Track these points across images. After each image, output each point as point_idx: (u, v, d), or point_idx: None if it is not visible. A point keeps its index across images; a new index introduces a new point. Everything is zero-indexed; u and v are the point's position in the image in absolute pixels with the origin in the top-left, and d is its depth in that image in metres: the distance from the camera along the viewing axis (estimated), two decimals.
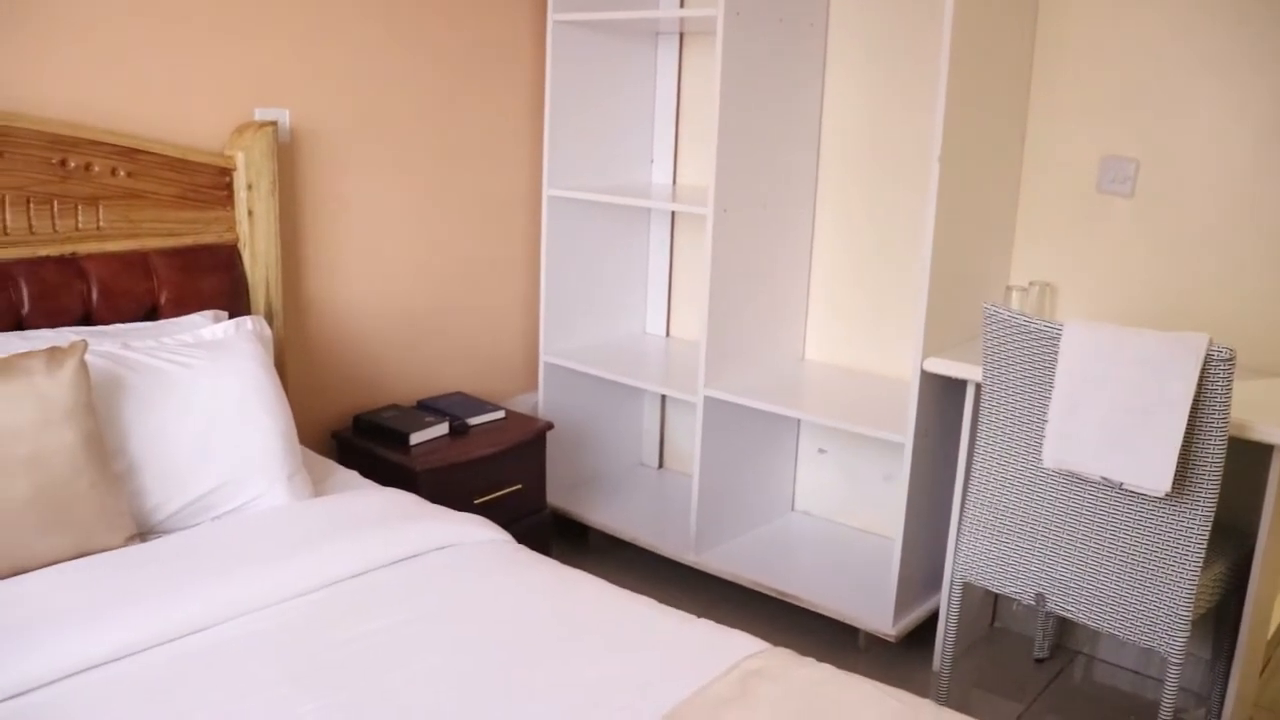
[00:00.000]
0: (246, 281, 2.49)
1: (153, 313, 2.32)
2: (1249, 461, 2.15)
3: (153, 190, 2.32)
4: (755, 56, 2.72)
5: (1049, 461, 2.07)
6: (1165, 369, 1.90)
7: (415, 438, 2.73)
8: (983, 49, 2.44)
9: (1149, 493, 1.95)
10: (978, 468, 2.24)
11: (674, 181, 3.40)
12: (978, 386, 2.41)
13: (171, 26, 2.38)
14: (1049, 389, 2.07)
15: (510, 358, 3.37)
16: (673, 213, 3.42)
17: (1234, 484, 2.09)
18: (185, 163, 2.37)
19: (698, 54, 3.28)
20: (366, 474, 2.42)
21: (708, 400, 2.84)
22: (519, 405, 3.33)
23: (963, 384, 2.52)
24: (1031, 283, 2.66)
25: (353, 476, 2.35)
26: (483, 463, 2.75)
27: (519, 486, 2.86)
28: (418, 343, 3.08)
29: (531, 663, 1.60)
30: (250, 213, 2.47)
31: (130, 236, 2.30)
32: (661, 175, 3.41)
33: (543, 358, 3.24)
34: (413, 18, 2.88)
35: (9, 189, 2.11)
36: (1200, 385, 1.88)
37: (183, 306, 2.34)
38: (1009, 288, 2.68)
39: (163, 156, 2.33)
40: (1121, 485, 1.98)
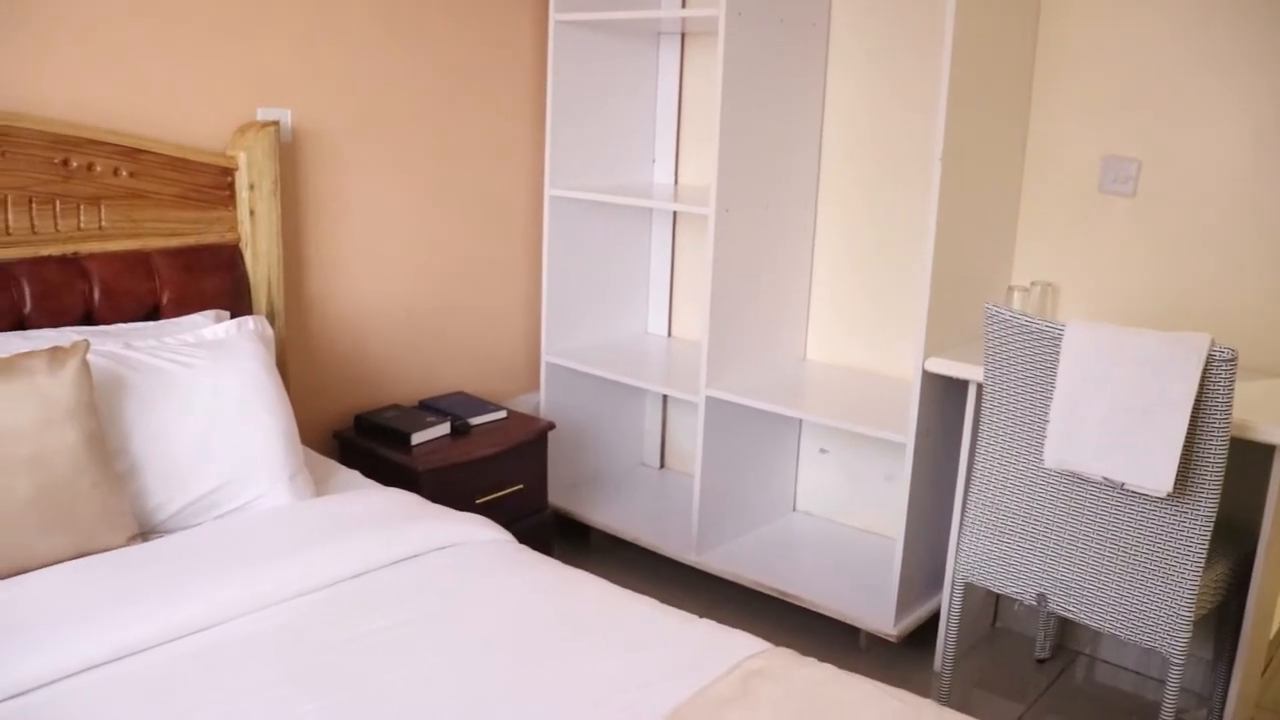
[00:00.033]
0: (248, 281, 2.50)
1: (154, 312, 2.32)
2: (1250, 462, 2.15)
3: (155, 190, 2.33)
4: (757, 56, 2.72)
5: (1050, 462, 2.07)
6: (1167, 369, 1.90)
7: (417, 438, 2.73)
8: (984, 49, 2.44)
9: (1150, 493, 1.95)
10: (979, 468, 2.24)
11: (676, 181, 3.40)
12: (979, 386, 2.41)
13: (173, 26, 2.38)
14: (1050, 389, 2.07)
15: (512, 358, 3.37)
16: (674, 213, 3.42)
17: (1235, 484, 2.08)
18: (187, 163, 2.37)
19: (699, 54, 3.28)
20: (368, 474, 2.42)
21: (709, 400, 2.84)
22: (521, 405, 3.33)
23: (964, 384, 2.52)
24: (1033, 283, 2.66)
25: (354, 476, 2.36)
26: (484, 463, 2.75)
27: (520, 486, 2.86)
28: (419, 342, 3.08)
29: (533, 663, 1.60)
30: (252, 212, 2.47)
31: (132, 236, 2.30)
32: (663, 175, 3.41)
33: (544, 358, 3.24)
34: (414, 18, 2.88)
35: (11, 189, 2.11)
36: (1202, 385, 1.88)
37: (184, 306, 2.35)
38: (1010, 288, 2.68)
39: (165, 156, 2.33)
40: (1123, 485, 1.98)
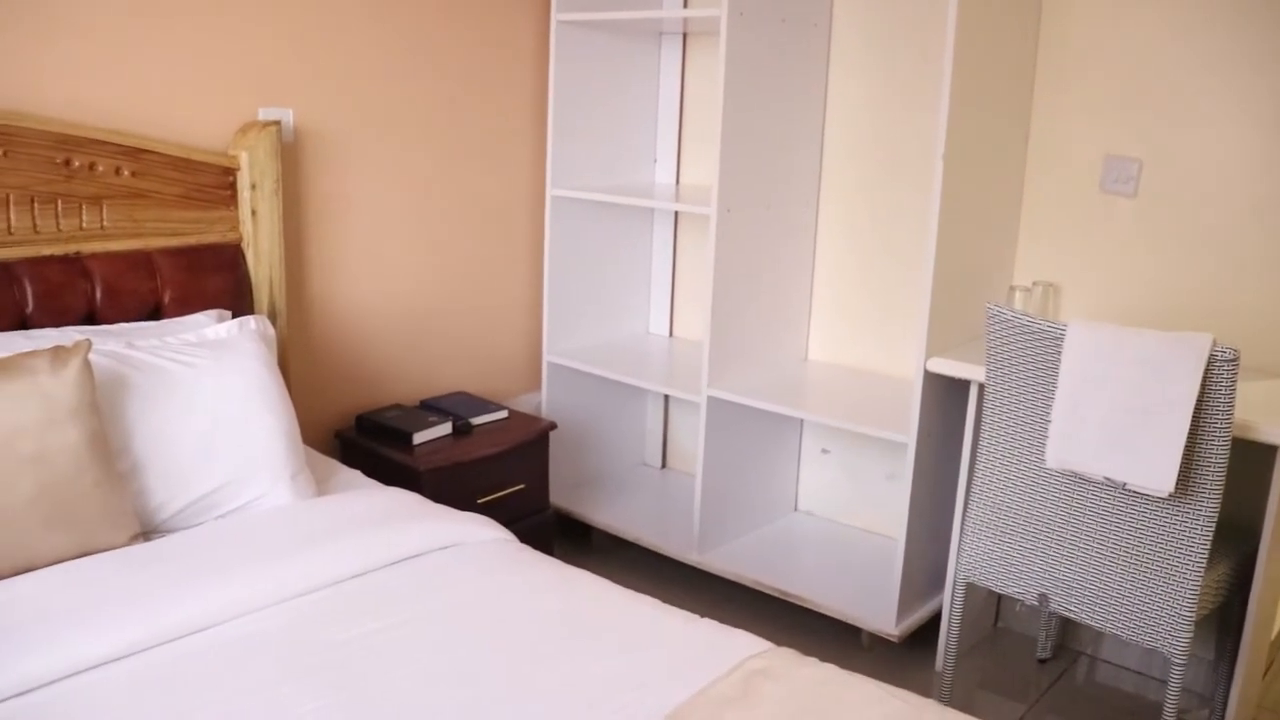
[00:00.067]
0: (250, 281, 2.50)
1: (156, 312, 2.33)
2: (1252, 462, 2.14)
3: (156, 190, 2.33)
4: (759, 56, 2.72)
5: (1052, 462, 2.06)
6: (1168, 369, 1.90)
7: (418, 437, 2.73)
8: (986, 49, 2.44)
9: (1152, 493, 1.95)
10: (981, 468, 2.24)
11: (677, 181, 3.40)
12: (981, 386, 2.41)
13: (176, 26, 2.39)
14: (1052, 389, 2.07)
15: (513, 357, 3.37)
16: (676, 213, 3.42)
17: (1237, 484, 2.08)
18: (189, 162, 2.37)
19: (701, 54, 3.28)
20: (369, 474, 2.41)
21: (711, 400, 2.84)
22: (522, 405, 3.33)
23: (966, 384, 2.51)
24: (1035, 283, 2.66)
25: (356, 476, 2.36)
26: (486, 462, 2.75)
27: (522, 486, 2.86)
28: (421, 342, 3.08)
29: (534, 662, 1.60)
30: (254, 212, 2.47)
31: (134, 236, 2.30)
32: (665, 175, 3.41)
33: (546, 357, 3.24)
34: (416, 18, 2.88)
35: (13, 188, 2.11)
36: (1204, 386, 1.88)
37: (186, 306, 2.35)
38: (1012, 288, 2.68)
39: (166, 156, 2.33)
40: (1125, 486, 1.98)
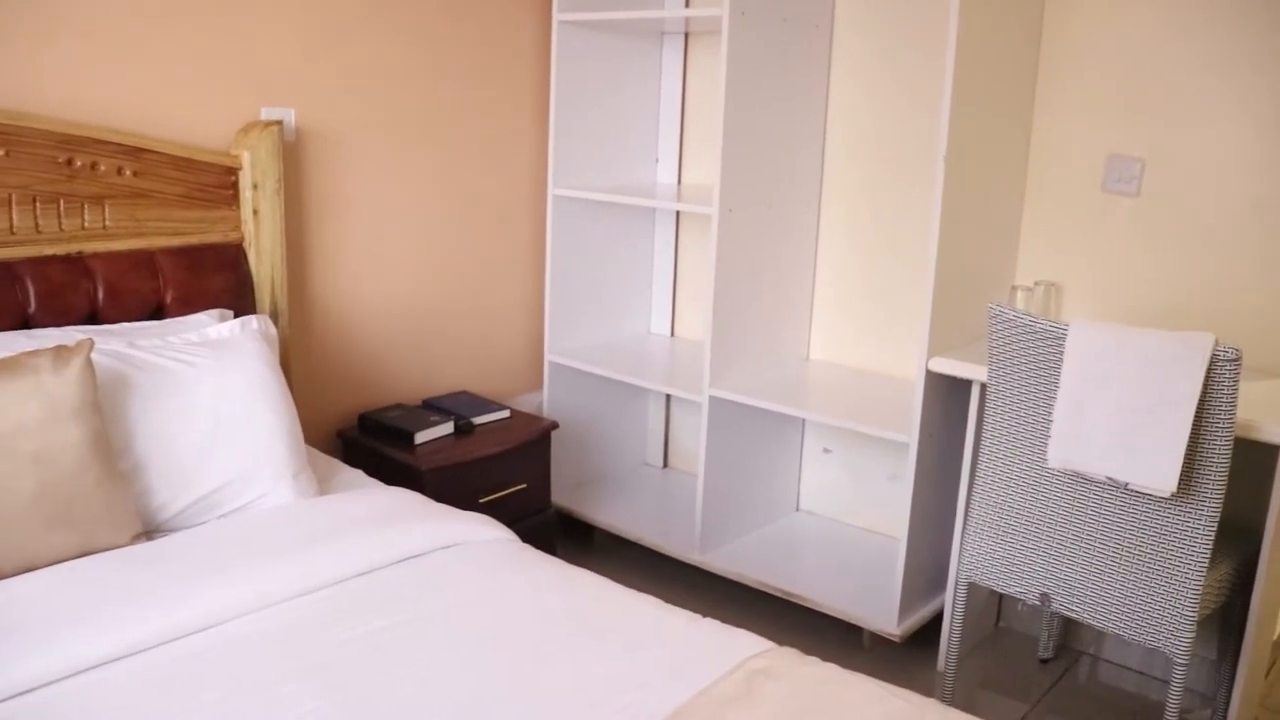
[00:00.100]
0: (252, 280, 2.50)
1: (158, 311, 2.33)
2: (1255, 462, 2.14)
3: (158, 189, 2.33)
4: (760, 56, 2.72)
5: (1054, 461, 2.06)
6: (1171, 369, 1.90)
7: (420, 437, 2.73)
8: (988, 48, 2.44)
9: (1154, 493, 1.94)
10: (983, 468, 2.24)
11: (679, 181, 3.40)
12: (983, 386, 2.41)
13: (178, 26, 2.39)
14: (1054, 389, 2.07)
15: (515, 357, 3.37)
16: (678, 212, 3.43)
17: (1240, 484, 2.08)
18: (191, 162, 2.37)
19: (703, 54, 3.28)
20: (371, 473, 2.42)
21: (712, 400, 2.84)
22: (524, 404, 3.33)
23: (968, 384, 2.51)
24: (1037, 282, 2.66)
25: (358, 475, 2.35)
26: (488, 462, 2.75)
27: (524, 486, 2.86)
28: (423, 342, 3.08)
29: (536, 662, 1.60)
30: (256, 212, 2.47)
31: (136, 235, 2.30)
32: (666, 175, 3.41)
33: (548, 357, 3.24)
34: (418, 18, 2.88)
35: (15, 188, 2.11)
36: (1206, 385, 1.88)
37: (188, 305, 2.35)
38: (1014, 287, 2.68)
39: (168, 156, 2.33)
40: (1127, 485, 1.98)
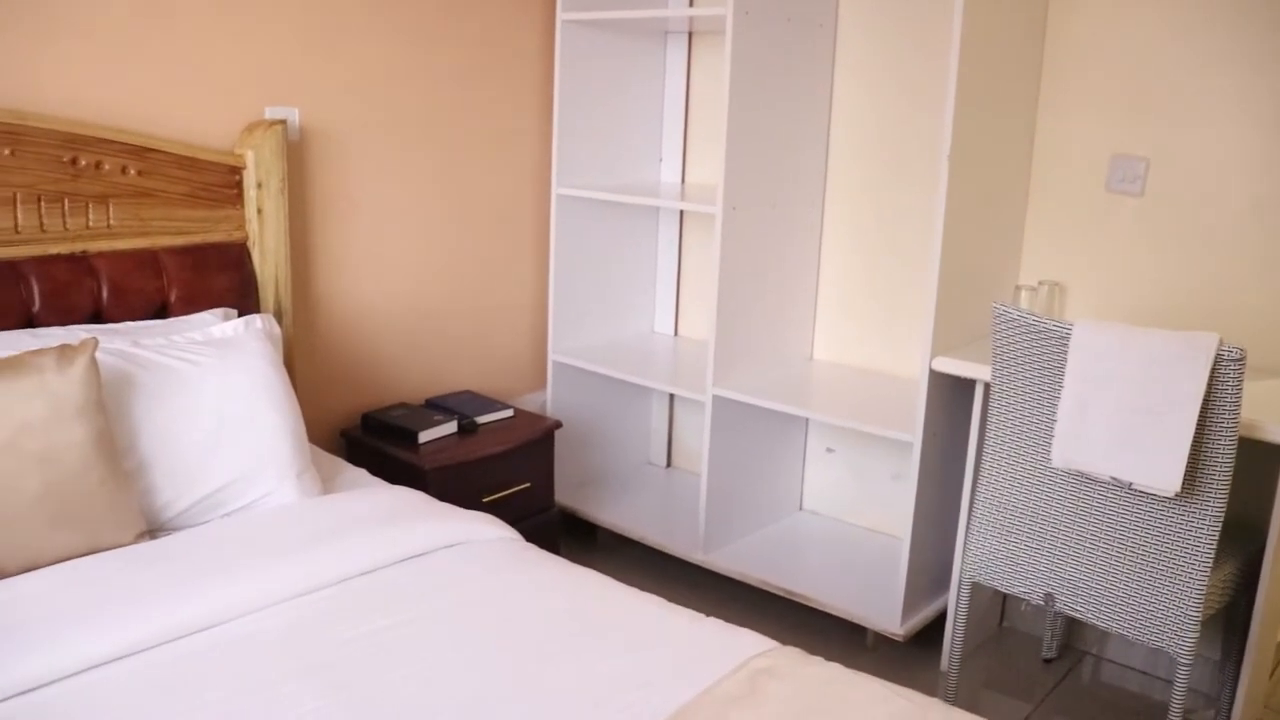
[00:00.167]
0: (256, 280, 2.50)
1: (162, 310, 2.33)
2: (1259, 461, 2.14)
3: (163, 189, 2.33)
4: (764, 56, 2.72)
5: (1058, 461, 2.06)
6: (1175, 369, 1.90)
7: (424, 436, 2.73)
8: (992, 48, 2.43)
9: (1158, 493, 1.94)
10: (986, 467, 2.24)
11: (683, 180, 3.40)
12: (986, 386, 2.40)
13: (182, 26, 2.39)
14: (1058, 388, 2.07)
15: (519, 356, 3.37)
16: (681, 211, 3.42)
17: (1244, 484, 2.08)
18: (195, 161, 2.37)
19: (707, 53, 3.28)
20: (375, 472, 2.42)
21: (716, 399, 2.84)
22: (527, 404, 3.33)
23: (971, 383, 2.51)
24: (1041, 282, 2.65)
25: (361, 474, 2.36)
26: (491, 461, 2.76)
27: (527, 485, 2.87)
28: (426, 341, 3.08)
29: (539, 661, 1.60)
30: (260, 211, 2.47)
31: (140, 235, 2.31)
32: (670, 174, 3.41)
33: (551, 356, 3.24)
34: (422, 17, 2.88)
35: (20, 187, 2.12)
36: (1210, 385, 1.88)
37: (192, 304, 2.35)
38: (1018, 287, 2.67)
39: (173, 155, 2.33)
40: (1131, 485, 1.98)
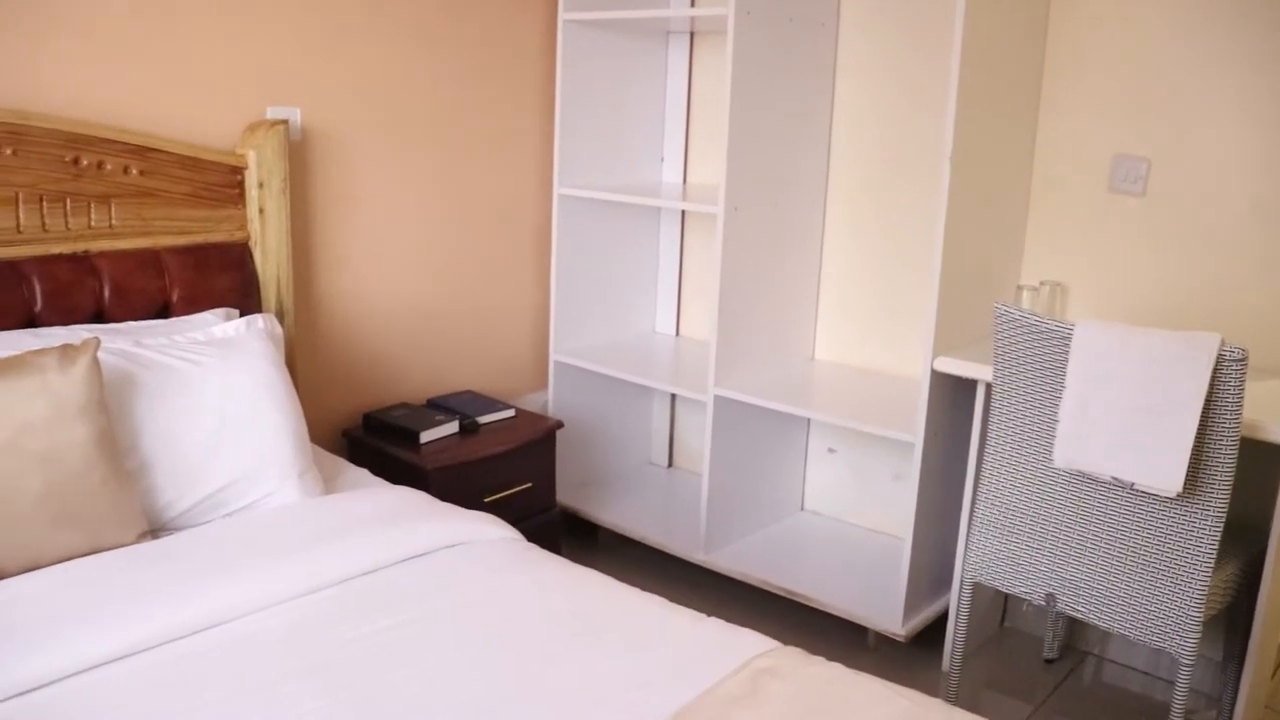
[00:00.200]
0: (257, 279, 2.50)
1: (164, 310, 2.33)
2: (1261, 462, 2.14)
3: (164, 188, 2.33)
4: (766, 56, 2.72)
5: (1059, 461, 2.06)
6: (1177, 369, 1.90)
7: (425, 436, 2.73)
8: (994, 49, 2.43)
9: (1160, 493, 1.94)
10: (988, 467, 2.24)
11: (684, 180, 3.40)
12: (988, 386, 2.40)
13: (184, 25, 2.39)
14: (1060, 389, 2.07)
15: (520, 356, 3.37)
16: (683, 211, 3.42)
17: (1246, 484, 2.08)
18: (197, 161, 2.37)
19: (708, 53, 3.28)
20: (377, 472, 2.42)
21: (717, 399, 2.84)
22: (529, 404, 3.33)
23: (973, 384, 2.51)
24: (1042, 282, 2.65)
25: (363, 474, 2.36)
26: (493, 461, 2.76)
27: (529, 485, 2.87)
28: (428, 341, 3.08)
29: (542, 661, 1.60)
30: (261, 211, 2.47)
31: (142, 234, 2.31)
32: (672, 174, 3.41)
33: (553, 356, 3.24)
34: (424, 17, 2.88)
35: (22, 187, 2.12)
36: (1212, 385, 1.87)
37: (194, 304, 2.35)
38: (1020, 287, 2.67)
39: (174, 155, 2.33)
40: (1132, 485, 1.98)
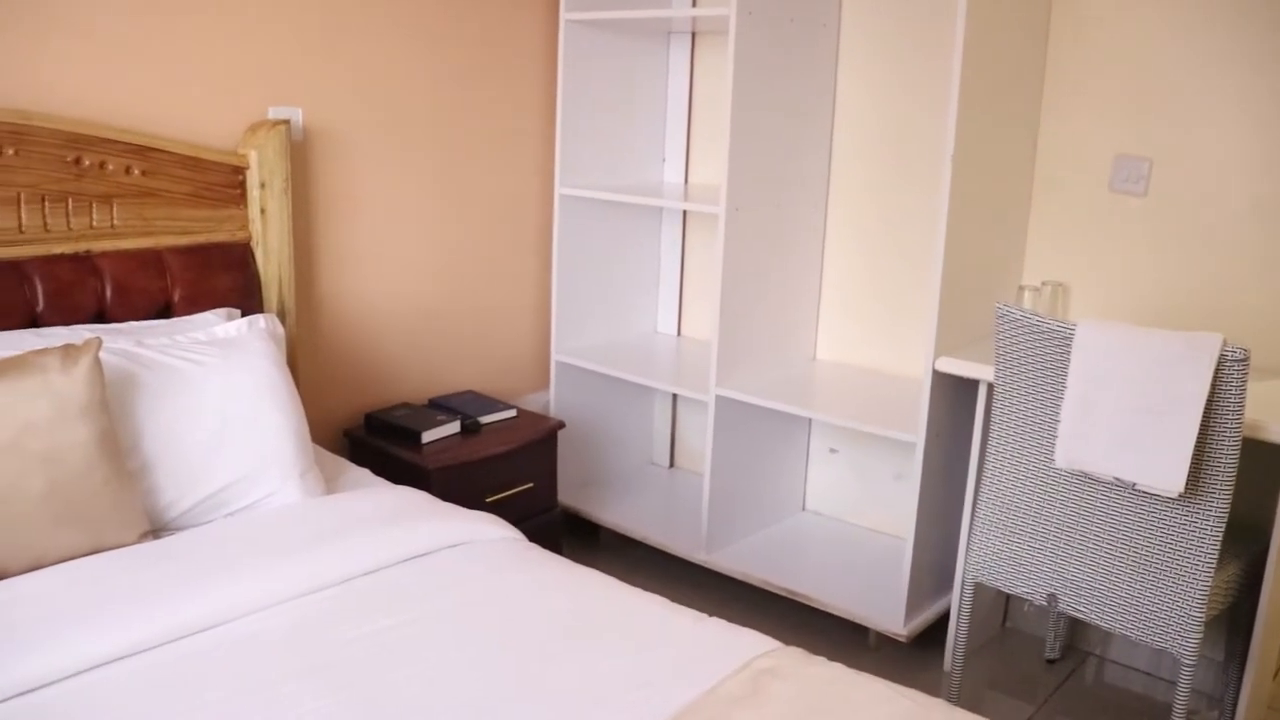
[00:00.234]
0: (259, 279, 2.50)
1: (166, 310, 2.33)
2: (1262, 462, 2.14)
3: (166, 188, 2.33)
4: (767, 56, 2.72)
5: (1061, 461, 2.06)
6: (1178, 369, 1.89)
7: (427, 436, 2.73)
8: (995, 48, 2.43)
9: (1162, 493, 1.94)
10: (989, 468, 2.23)
11: (686, 180, 3.40)
12: (990, 386, 2.40)
13: (185, 25, 2.39)
14: (1061, 389, 2.06)
15: (522, 356, 3.37)
16: (684, 212, 3.42)
17: (1248, 484, 2.07)
18: (198, 161, 2.38)
19: (710, 53, 3.28)
20: (378, 472, 2.42)
21: (719, 399, 2.84)
22: (530, 404, 3.33)
23: (974, 384, 2.51)
24: (1044, 282, 2.65)
25: (364, 474, 2.36)
26: (494, 461, 2.76)
27: (530, 485, 2.87)
28: (429, 341, 3.08)
29: (542, 660, 1.60)
30: (263, 211, 2.47)
31: (144, 234, 2.31)
32: (673, 174, 3.41)
33: (554, 356, 3.24)
34: (425, 17, 2.88)
35: (24, 187, 2.12)
36: (1214, 385, 1.87)
37: (196, 304, 2.35)
38: (1021, 287, 2.67)
39: (176, 155, 2.34)
40: (1134, 486, 1.98)
